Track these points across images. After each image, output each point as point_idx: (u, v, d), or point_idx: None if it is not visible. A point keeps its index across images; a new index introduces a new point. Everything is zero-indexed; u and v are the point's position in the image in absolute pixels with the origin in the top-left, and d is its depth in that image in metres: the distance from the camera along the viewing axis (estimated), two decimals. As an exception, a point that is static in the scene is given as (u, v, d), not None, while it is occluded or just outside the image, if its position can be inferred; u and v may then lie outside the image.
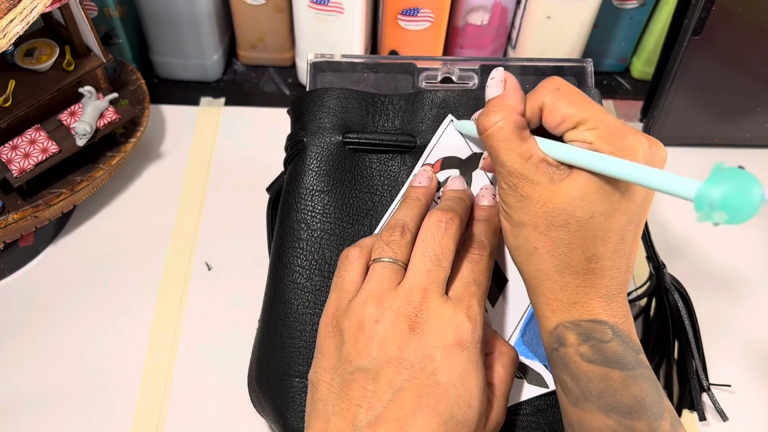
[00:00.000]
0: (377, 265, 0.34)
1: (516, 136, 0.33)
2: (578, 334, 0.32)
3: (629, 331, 0.33)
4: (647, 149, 0.32)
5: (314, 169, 0.41)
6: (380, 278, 0.34)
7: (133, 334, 0.49)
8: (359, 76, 0.45)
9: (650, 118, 0.59)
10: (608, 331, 0.32)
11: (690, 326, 0.47)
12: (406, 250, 0.35)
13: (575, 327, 0.33)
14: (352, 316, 0.33)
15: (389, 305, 0.33)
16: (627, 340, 0.32)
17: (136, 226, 0.54)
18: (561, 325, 0.33)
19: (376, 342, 0.32)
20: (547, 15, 0.57)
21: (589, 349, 0.32)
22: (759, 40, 0.53)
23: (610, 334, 0.32)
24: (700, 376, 0.46)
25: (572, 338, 0.33)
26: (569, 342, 0.33)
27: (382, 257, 0.34)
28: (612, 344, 0.32)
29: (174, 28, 0.59)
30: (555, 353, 0.34)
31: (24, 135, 0.50)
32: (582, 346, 0.32)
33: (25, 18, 0.41)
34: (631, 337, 0.33)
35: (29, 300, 0.50)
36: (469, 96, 0.43)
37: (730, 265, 0.54)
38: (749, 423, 0.46)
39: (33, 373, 0.47)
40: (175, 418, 0.45)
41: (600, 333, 0.32)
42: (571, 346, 0.33)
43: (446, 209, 0.36)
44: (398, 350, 0.32)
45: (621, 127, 0.32)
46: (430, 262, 0.34)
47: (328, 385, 0.33)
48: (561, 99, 0.33)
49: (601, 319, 0.32)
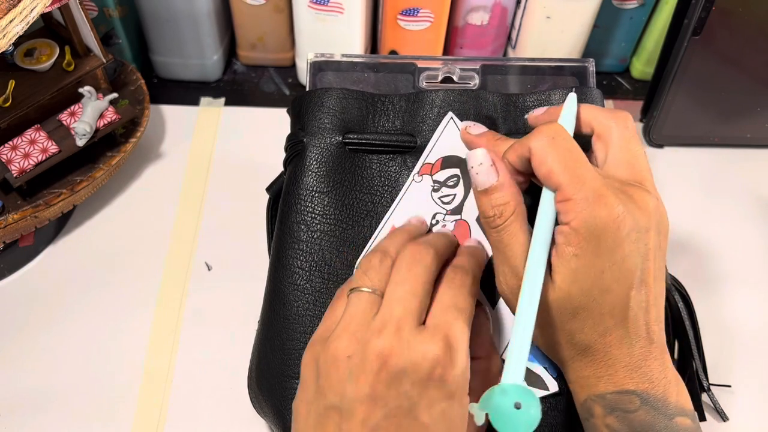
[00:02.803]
0: (353, 295, 0.33)
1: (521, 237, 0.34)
2: (603, 407, 0.33)
3: (664, 394, 0.33)
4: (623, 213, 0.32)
5: (314, 170, 0.41)
6: (355, 310, 0.33)
7: (133, 334, 0.49)
8: (359, 76, 0.45)
9: (650, 118, 0.59)
10: (636, 399, 0.32)
11: (690, 326, 0.47)
12: (384, 278, 0.34)
13: (600, 400, 0.33)
14: (327, 349, 0.32)
15: (361, 339, 0.31)
16: (659, 405, 0.32)
17: (136, 226, 0.54)
18: (589, 399, 0.34)
19: (347, 378, 0.30)
20: (547, 15, 0.57)
21: (615, 420, 0.32)
22: (759, 40, 0.53)
23: (638, 402, 0.32)
24: (701, 377, 0.46)
25: (598, 410, 0.33)
26: (596, 414, 0.33)
27: (359, 287, 0.33)
28: (639, 413, 0.32)
29: (174, 28, 0.59)
30: (586, 423, 0.34)
31: (24, 135, 0.50)
32: (608, 418, 0.33)
33: (25, 18, 0.41)
34: (666, 401, 0.32)
35: (29, 300, 0.50)
36: (469, 96, 0.43)
37: (731, 266, 0.54)
38: (749, 423, 0.46)
39: (33, 373, 0.47)
40: (175, 418, 0.45)
41: (626, 403, 0.32)
42: (598, 418, 0.33)
43: (422, 242, 0.35)
44: (370, 388, 0.30)
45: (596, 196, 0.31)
46: (404, 290, 0.32)
47: (305, 419, 0.32)
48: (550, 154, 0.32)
49: (627, 389, 0.32)
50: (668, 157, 0.60)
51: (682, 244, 0.55)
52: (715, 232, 0.56)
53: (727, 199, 0.58)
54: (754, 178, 0.59)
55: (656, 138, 0.60)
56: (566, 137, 0.33)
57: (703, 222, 0.56)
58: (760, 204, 0.57)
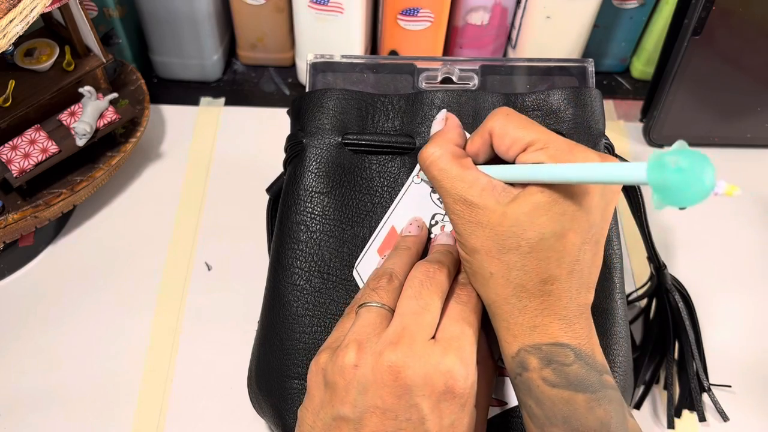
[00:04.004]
0: (363, 309, 0.33)
1: (456, 165, 0.34)
2: (540, 358, 0.32)
3: (593, 352, 0.32)
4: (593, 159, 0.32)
5: (313, 170, 0.41)
6: (364, 322, 0.32)
7: (133, 334, 0.49)
8: (359, 77, 0.45)
9: (650, 118, 0.59)
10: (570, 353, 0.32)
11: (691, 327, 0.47)
12: (393, 296, 0.34)
13: (536, 351, 0.32)
14: (336, 359, 0.32)
15: (371, 350, 0.31)
16: (590, 361, 0.32)
17: (136, 226, 0.54)
18: (522, 350, 0.32)
19: (356, 389, 0.30)
20: (547, 15, 0.57)
21: (551, 373, 0.31)
22: (759, 40, 0.53)
23: (572, 356, 0.32)
24: (701, 377, 0.46)
25: (534, 362, 0.32)
26: (531, 366, 0.32)
27: (369, 302, 0.33)
28: (574, 367, 0.31)
29: (174, 28, 0.59)
30: (519, 378, 0.33)
31: (24, 135, 0.50)
32: (544, 370, 0.31)
33: (25, 18, 0.41)
34: (595, 358, 0.32)
35: (29, 300, 0.50)
36: (468, 96, 0.43)
37: (731, 266, 0.54)
38: (749, 423, 0.46)
39: (33, 373, 0.47)
40: (175, 418, 0.45)
41: (562, 356, 0.32)
42: (534, 371, 0.32)
43: (433, 261, 0.35)
44: (381, 400, 0.30)
45: (570, 145, 0.32)
46: (417, 305, 0.32)
47: (311, 427, 0.31)
48: (509, 123, 0.33)
49: (562, 341, 0.32)
50: (668, 157, 0.60)
51: (682, 244, 0.55)
52: (715, 232, 0.56)
53: (727, 199, 0.58)
54: (754, 178, 0.59)
55: (656, 138, 0.60)
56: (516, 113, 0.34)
57: (703, 222, 0.56)
58: (760, 204, 0.57)
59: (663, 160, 0.24)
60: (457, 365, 0.31)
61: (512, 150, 0.33)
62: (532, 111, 0.43)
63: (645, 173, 0.25)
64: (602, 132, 0.42)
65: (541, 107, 0.43)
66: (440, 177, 0.34)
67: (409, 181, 0.41)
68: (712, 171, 0.24)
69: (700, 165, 0.24)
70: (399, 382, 0.30)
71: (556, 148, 0.32)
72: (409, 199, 0.41)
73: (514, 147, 0.33)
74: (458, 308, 0.34)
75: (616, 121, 0.63)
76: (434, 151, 0.35)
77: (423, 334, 0.31)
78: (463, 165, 0.34)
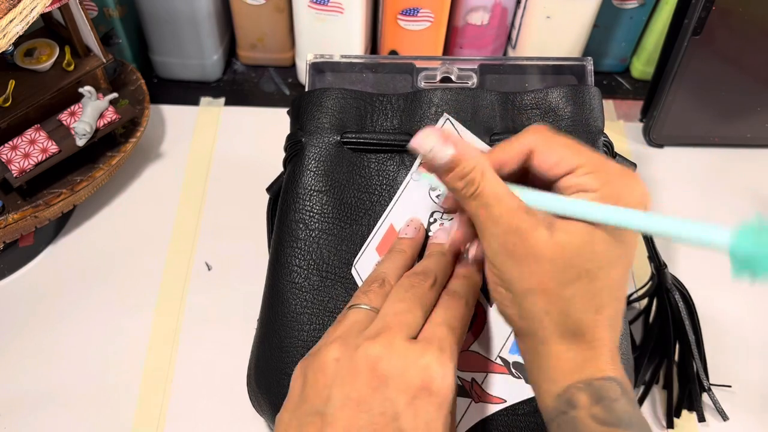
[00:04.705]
0: (350, 311, 0.33)
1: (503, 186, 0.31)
2: (590, 395, 0.30)
3: (629, 384, 0.31)
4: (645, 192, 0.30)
5: (312, 169, 0.41)
6: (350, 322, 0.32)
7: (133, 334, 0.49)
8: (358, 76, 0.45)
9: (650, 118, 0.59)
10: (617, 388, 0.30)
11: (691, 326, 0.47)
12: (382, 300, 0.33)
13: (587, 387, 0.30)
14: (317, 356, 0.31)
15: (352, 344, 0.31)
16: (631, 395, 0.31)
17: (136, 226, 0.54)
18: (572, 386, 0.30)
19: (335, 383, 0.30)
20: (547, 15, 0.57)
21: (601, 410, 0.29)
22: (759, 40, 0.53)
23: (619, 391, 0.30)
24: (701, 377, 0.46)
25: (584, 399, 0.30)
26: (581, 404, 0.30)
27: (358, 304, 0.33)
28: (622, 402, 0.30)
29: (174, 28, 0.59)
30: (562, 417, 0.30)
31: (24, 135, 0.50)
32: (594, 407, 0.30)
33: (25, 18, 0.41)
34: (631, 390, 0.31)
35: (29, 300, 0.50)
36: (467, 94, 0.43)
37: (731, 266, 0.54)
38: (749, 423, 0.46)
39: (33, 373, 0.47)
40: (175, 418, 0.45)
41: (611, 391, 0.30)
42: (583, 408, 0.30)
43: (420, 273, 0.34)
44: (356, 391, 0.29)
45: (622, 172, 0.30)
46: (402, 306, 0.32)
47: (286, 426, 0.31)
48: (555, 141, 0.31)
49: (610, 375, 0.30)
50: (668, 157, 0.60)
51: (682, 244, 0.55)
52: (716, 232, 0.56)
53: (727, 199, 0.58)
54: (754, 178, 0.59)
55: (656, 138, 0.60)
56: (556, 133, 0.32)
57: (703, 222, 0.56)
58: (760, 204, 0.57)
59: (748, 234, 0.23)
60: (435, 363, 0.30)
61: (556, 169, 0.31)
62: (531, 109, 0.43)
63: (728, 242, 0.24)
64: (601, 130, 0.43)
65: (540, 105, 0.43)
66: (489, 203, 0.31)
67: (408, 178, 0.41)
68: None
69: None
70: (375, 373, 0.30)
71: (608, 173, 0.30)
72: (408, 197, 0.41)
73: (560, 166, 0.31)
74: (443, 314, 0.33)
75: (616, 121, 0.63)
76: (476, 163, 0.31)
77: (404, 332, 0.31)
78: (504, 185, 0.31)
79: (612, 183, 0.30)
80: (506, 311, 0.32)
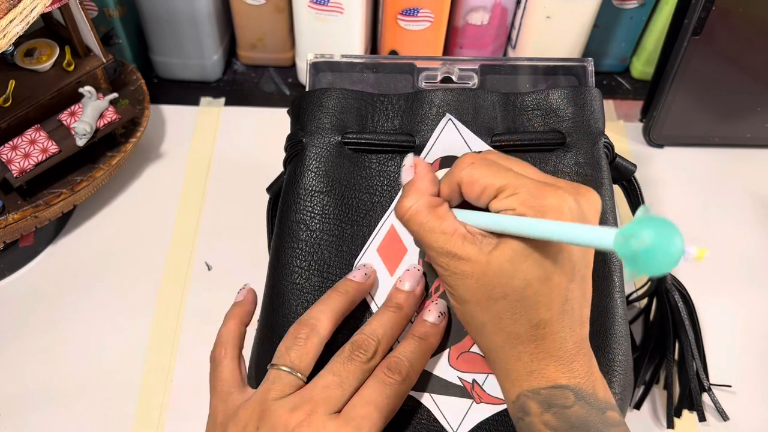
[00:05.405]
0: (272, 372, 0.34)
1: (433, 217, 0.33)
2: (539, 403, 0.31)
3: (594, 389, 0.32)
4: (573, 204, 0.31)
5: (313, 169, 0.41)
6: (270, 385, 0.33)
7: (133, 334, 0.49)
8: (359, 77, 0.45)
9: (650, 118, 0.59)
10: (570, 395, 0.31)
11: (691, 326, 0.47)
12: (307, 358, 0.34)
13: (535, 396, 0.32)
14: (237, 422, 0.32)
15: (270, 417, 0.32)
16: (591, 400, 0.31)
17: (136, 226, 0.54)
18: (522, 395, 0.32)
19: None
20: (547, 15, 0.57)
21: (552, 417, 0.31)
22: (759, 40, 0.53)
23: (573, 397, 0.31)
24: (701, 377, 0.46)
25: (534, 407, 0.31)
26: (532, 411, 0.31)
27: (278, 364, 0.34)
28: (575, 408, 0.31)
29: (174, 28, 0.59)
30: (521, 422, 0.32)
31: (24, 135, 0.50)
32: (545, 415, 0.31)
33: (25, 18, 0.41)
34: (596, 395, 0.32)
35: (29, 300, 0.50)
36: (468, 95, 0.43)
37: (731, 266, 0.54)
38: (749, 423, 0.46)
39: (33, 373, 0.47)
40: (175, 418, 0.45)
41: (562, 399, 0.31)
42: (535, 416, 0.31)
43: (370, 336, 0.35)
44: None
45: (541, 188, 0.31)
46: (334, 380, 0.33)
47: None
48: (476, 170, 0.33)
49: (560, 383, 0.31)
50: (668, 157, 0.60)
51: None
52: (715, 232, 0.56)
53: (727, 199, 0.58)
54: (754, 178, 0.59)
55: (656, 138, 0.60)
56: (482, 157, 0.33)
57: (703, 222, 0.56)
58: (760, 204, 0.57)
59: (629, 233, 0.24)
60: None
61: (483, 198, 0.33)
62: (532, 110, 0.43)
63: (612, 243, 0.25)
64: (602, 131, 0.43)
65: (541, 106, 0.43)
66: (420, 232, 0.34)
67: None
68: (680, 238, 0.24)
69: (668, 234, 0.23)
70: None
71: (527, 192, 0.31)
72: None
73: (485, 195, 0.32)
74: (375, 388, 0.33)
75: (616, 121, 0.63)
76: (410, 204, 0.34)
77: (327, 407, 0.32)
78: (441, 216, 0.33)
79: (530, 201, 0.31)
80: (459, 318, 0.34)
